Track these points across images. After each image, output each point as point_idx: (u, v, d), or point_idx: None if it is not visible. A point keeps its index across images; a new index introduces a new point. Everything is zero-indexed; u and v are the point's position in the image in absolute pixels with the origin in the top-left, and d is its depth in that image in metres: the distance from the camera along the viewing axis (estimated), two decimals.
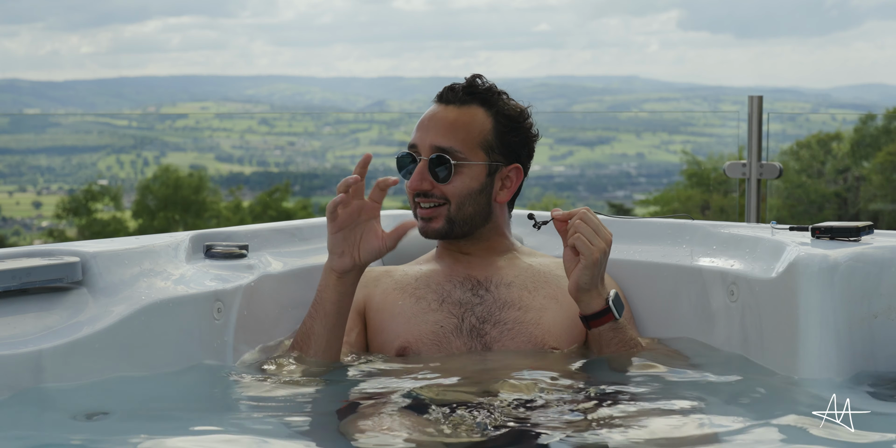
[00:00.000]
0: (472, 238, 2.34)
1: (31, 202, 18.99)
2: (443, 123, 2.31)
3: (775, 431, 1.80)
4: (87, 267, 2.08)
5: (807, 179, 10.13)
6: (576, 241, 2.09)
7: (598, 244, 2.09)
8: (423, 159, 2.29)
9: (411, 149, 2.31)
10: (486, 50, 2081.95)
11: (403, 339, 2.23)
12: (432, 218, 2.30)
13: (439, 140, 2.29)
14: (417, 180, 2.28)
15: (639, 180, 23.42)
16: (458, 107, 2.32)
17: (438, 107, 2.34)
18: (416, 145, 2.31)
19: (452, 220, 2.29)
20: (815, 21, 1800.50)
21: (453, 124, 2.30)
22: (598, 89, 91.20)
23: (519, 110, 2.35)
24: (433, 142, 2.29)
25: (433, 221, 2.30)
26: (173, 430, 1.80)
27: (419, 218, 2.30)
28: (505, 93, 2.37)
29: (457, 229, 2.31)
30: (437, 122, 2.31)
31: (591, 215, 2.11)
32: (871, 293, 2.12)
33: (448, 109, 2.32)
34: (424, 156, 2.29)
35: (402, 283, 2.32)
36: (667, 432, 1.76)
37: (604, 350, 2.17)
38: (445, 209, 2.29)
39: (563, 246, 2.14)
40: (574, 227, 2.10)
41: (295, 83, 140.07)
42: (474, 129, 2.31)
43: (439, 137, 2.29)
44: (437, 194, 2.29)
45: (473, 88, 2.34)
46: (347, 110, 70.52)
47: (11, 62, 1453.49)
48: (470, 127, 2.31)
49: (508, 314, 2.24)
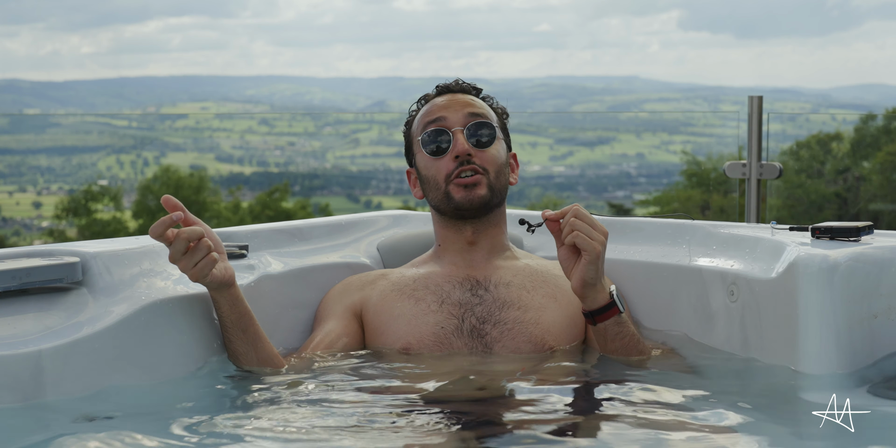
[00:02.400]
0: (485, 220, 2.34)
1: (31, 202, 18.98)
2: (466, 100, 2.37)
3: (775, 431, 1.80)
4: (87, 267, 2.08)
5: (807, 179, 10.12)
6: (575, 238, 2.09)
7: (598, 238, 2.09)
8: (459, 129, 2.31)
9: (438, 122, 2.33)
10: (487, 50, 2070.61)
11: (405, 341, 2.23)
12: (476, 184, 2.30)
13: (472, 109, 2.34)
14: (464, 146, 2.29)
15: (639, 180, 23.40)
16: (463, 93, 2.40)
17: (447, 94, 2.40)
18: (444, 118, 2.33)
19: (492, 187, 2.31)
20: (816, 21, 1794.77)
21: (476, 101, 2.38)
22: (598, 89, 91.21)
23: (502, 109, 2.44)
24: (467, 111, 2.33)
25: (478, 188, 2.30)
26: (173, 431, 1.79)
27: (462, 187, 2.30)
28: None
29: (495, 199, 2.33)
30: (460, 100, 2.37)
31: (583, 211, 2.12)
32: (871, 293, 2.12)
33: (459, 95, 2.39)
34: (459, 126, 2.31)
35: (399, 284, 2.32)
36: (666, 432, 1.76)
37: (608, 345, 2.16)
38: (485, 177, 2.31)
39: (557, 245, 2.14)
40: (570, 224, 2.10)
41: (295, 83, 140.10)
42: (490, 111, 2.39)
43: (469, 108, 2.34)
44: (477, 162, 2.30)
45: (468, 85, 2.43)
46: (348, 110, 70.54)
47: (12, 62, 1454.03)
48: (487, 109, 2.38)
49: (508, 314, 2.24)
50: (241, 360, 2.12)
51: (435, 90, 2.43)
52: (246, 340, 2.12)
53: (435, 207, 2.35)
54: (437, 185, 2.32)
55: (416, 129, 2.39)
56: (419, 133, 2.35)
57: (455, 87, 2.42)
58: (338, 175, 20.13)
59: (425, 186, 2.35)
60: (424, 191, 2.37)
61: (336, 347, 2.26)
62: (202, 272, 2.03)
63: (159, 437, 1.74)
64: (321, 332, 2.29)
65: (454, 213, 2.32)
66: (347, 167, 22.19)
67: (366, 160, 23.18)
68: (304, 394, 2.01)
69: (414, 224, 2.76)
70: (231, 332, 2.11)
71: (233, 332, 2.11)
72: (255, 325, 2.13)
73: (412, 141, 2.40)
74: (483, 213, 2.32)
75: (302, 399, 1.98)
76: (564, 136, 26.07)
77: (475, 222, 2.34)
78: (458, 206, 2.30)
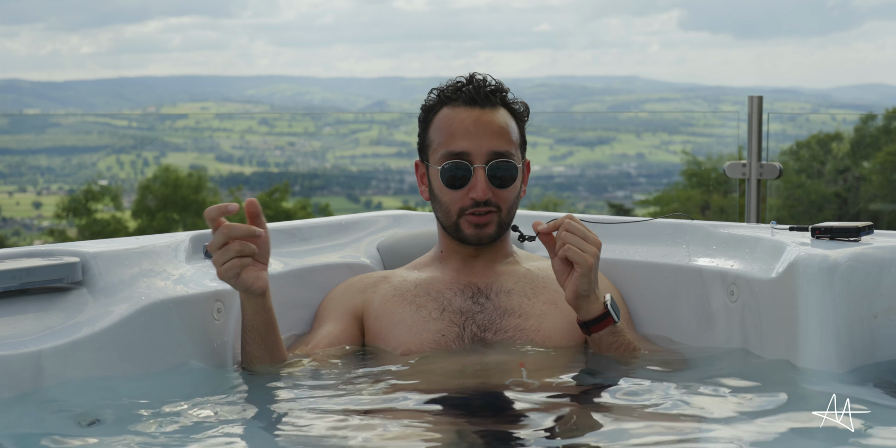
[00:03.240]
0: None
1: (31, 202, 18.98)
2: (492, 128, 2.26)
3: (775, 431, 1.80)
4: (87, 267, 2.08)
5: (807, 179, 10.12)
6: (567, 252, 2.07)
7: (590, 250, 2.08)
8: (481, 167, 2.25)
9: (461, 157, 2.25)
10: (487, 50, 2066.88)
11: (405, 348, 2.23)
12: (487, 224, 2.27)
13: (497, 145, 2.25)
14: (484, 191, 2.23)
15: (639, 180, 23.39)
16: (491, 109, 2.29)
17: (472, 110, 2.28)
18: (468, 152, 2.24)
19: (502, 224, 2.29)
20: (816, 21, 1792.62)
21: (502, 128, 2.27)
22: (598, 89, 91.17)
23: (524, 106, 2.35)
24: (491, 147, 2.25)
25: (487, 227, 2.27)
26: (173, 431, 1.79)
27: (473, 225, 2.26)
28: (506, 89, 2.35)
29: (502, 232, 2.31)
30: (485, 126, 2.26)
31: (575, 223, 2.09)
32: (871, 293, 2.12)
33: (484, 112, 2.28)
34: (480, 163, 2.25)
35: (401, 289, 2.31)
36: (666, 432, 1.76)
37: (604, 354, 2.17)
38: (496, 215, 2.27)
39: (551, 256, 2.13)
40: (562, 238, 2.08)
41: (295, 83, 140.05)
42: (513, 130, 2.30)
43: (495, 142, 2.25)
44: (493, 201, 2.26)
45: (494, 90, 2.31)
46: (348, 110, 70.53)
47: (12, 62, 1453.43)
48: (510, 129, 2.29)
49: (509, 322, 2.24)
50: (252, 361, 2.12)
51: (461, 92, 2.29)
52: (263, 346, 2.12)
53: (441, 223, 2.34)
54: (448, 212, 2.29)
55: (434, 137, 2.30)
56: (438, 153, 2.27)
57: (481, 98, 2.28)
58: (338, 175, 20.13)
59: (435, 203, 2.32)
60: (433, 205, 2.33)
61: (339, 348, 2.26)
62: (228, 273, 2.01)
63: (159, 437, 1.74)
64: (319, 334, 2.29)
65: (459, 241, 2.31)
66: (347, 167, 22.19)
67: (366, 160, 23.18)
68: (304, 394, 2.01)
69: (414, 224, 2.76)
70: (249, 336, 2.11)
71: (251, 336, 2.11)
72: (275, 334, 2.12)
73: (429, 144, 2.31)
74: (488, 245, 2.32)
75: (302, 399, 1.98)
76: (564, 136, 26.07)
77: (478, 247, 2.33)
78: (464, 240, 2.29)
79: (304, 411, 1.93)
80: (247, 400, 2.01)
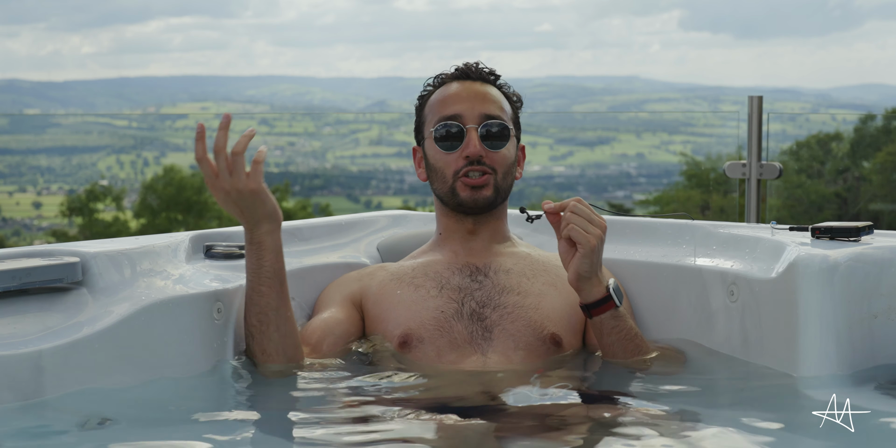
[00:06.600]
0: (487, 213, 2.34)
1: (31, 202, 18.99)
2: (484, 95, 2.33)
3: (775, 431, 1.80)
4: (87, 267, 2.08)
5: (807, 179, 10.11)
6: (570, 231, 2.09)
7: (594, 231, 2.09)
8: (474, 127, 2.29)
9: (454, 119, 2.30)
10: (488, 50, 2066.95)
11: (405, 327, 2.22)
12: (483, 186, 2.29)
13: (489, 108, 2.31)
14: (476, 147, 2.27)
15: (639, 180, 23.40)
16: (483, 83, 2.36)
17: (465, 82, 2.36)
18: (460, 115, 2.30)
19: (498, 188, 2.31)
20: (816, 21, 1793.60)
21: (494, 97, 2.35)
22: (598, 89, 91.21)
23: (517, 97, 2.41)
24: (483, 110, 2.30)
25: (484, 189, 2.29)
26: (173, 431, 1.80)
27: (469, 187, 2.29)
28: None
29: (499, 198, 2.32)
30: (476, 92, 2.33)
31: (582, 205, 2.12)
32: (871, 293, 2.12)
33: (476, 84, 2.35)
34: (473, 124, 2.29)
35: (398, 273, 2.32)
36: (666, 432, 1.76)
37: (605, 339, 2.16)
38: (492, 178, 2.29)
39: (557, 238, 2.15)
40: (566, 218, 2.11)
41: (295, 83, 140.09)
42: (505, 105, 2.36)
43: (487, 105, 2.31)
44: (487, 163, 2.29)
45: (488, 71, 2.39)
46: (348, 110, 70.53)
47: (12, 62, 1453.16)
48: (503, 103, 2.36)
49: (508, 298, 2.25)
50: (269, 316, 2.11)
51: (453, 70, 2.39)
52: (283, 294, 2.13)
53: (438, 197, 2.36)
54: (444, 178, 2.31)
55: (428, 113, 2.36)
56: (432, 122, 2.33)
57: (474, 73, 2.37)
58: (338, 175, 20.14)
59: (431, 174, 2.35)
60: (430, 178, 2.36)
61: (336, 333, 2.24)
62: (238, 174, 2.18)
63: (159, 438, 1.74)
64: (319, 318, 2.28)
65: (457, 208, 2.32)
66: (347, 167, 22.20)
67: (366, 160, 23.19)
68: (303, 393, 2.01)
69: (414, 224, 2.76)
70: (268, 285, 2.12)
71: (272, 283, 2.12)
72: (285, 285, 2.15)
73: (423, 122, 2.37)
74: (486, 211, 2.33)
75: (301, 398, 1.98)
76: (564, 136, 26.07)
77: (477, 215, 2.34)
78: (462, 204, 2.30)
79: (305, 411, 1.93)
80: (247, 400, 2.01)
